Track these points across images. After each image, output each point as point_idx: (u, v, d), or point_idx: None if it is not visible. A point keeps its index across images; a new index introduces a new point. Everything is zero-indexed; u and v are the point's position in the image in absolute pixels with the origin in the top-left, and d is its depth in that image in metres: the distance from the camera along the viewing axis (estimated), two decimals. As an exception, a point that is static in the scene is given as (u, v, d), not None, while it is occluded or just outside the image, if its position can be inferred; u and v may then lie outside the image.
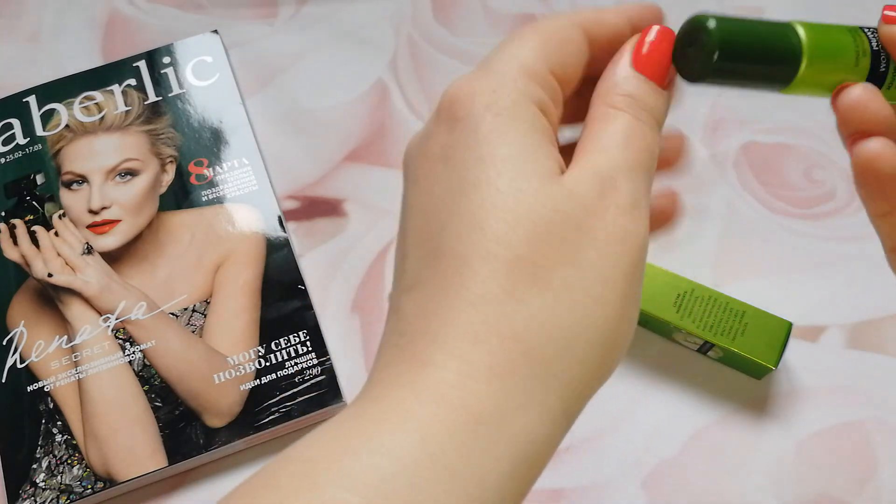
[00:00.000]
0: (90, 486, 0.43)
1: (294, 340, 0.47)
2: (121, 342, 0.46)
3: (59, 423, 0.45)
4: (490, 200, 0.22)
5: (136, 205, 0.50)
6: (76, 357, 0.46)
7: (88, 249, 0.48)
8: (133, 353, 0.46)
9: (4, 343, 0.47)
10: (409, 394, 0.21)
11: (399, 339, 0.23)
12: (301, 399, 0.45)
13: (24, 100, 0.53)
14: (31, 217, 0.50)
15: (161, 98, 0.53)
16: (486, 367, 0.21)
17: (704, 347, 0.45)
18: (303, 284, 0.48)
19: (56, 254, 0.48)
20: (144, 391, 0.45)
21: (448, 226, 0.22)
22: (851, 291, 0.48)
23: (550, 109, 0.24)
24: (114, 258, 0.48)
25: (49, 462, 0.44)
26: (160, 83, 0.54)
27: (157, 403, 0.45)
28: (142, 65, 0.54)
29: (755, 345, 0.43)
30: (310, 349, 0.46)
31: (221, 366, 0.46)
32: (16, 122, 0.53)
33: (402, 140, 0.53)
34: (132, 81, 0.54)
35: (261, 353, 0.46)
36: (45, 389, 0.45)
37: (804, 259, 0.49)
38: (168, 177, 0.51)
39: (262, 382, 0.45)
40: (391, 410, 0.21)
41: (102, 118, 0.52)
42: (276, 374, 0.46)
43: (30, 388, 0.45)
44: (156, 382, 0.45)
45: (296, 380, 0.46)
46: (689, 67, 0.24)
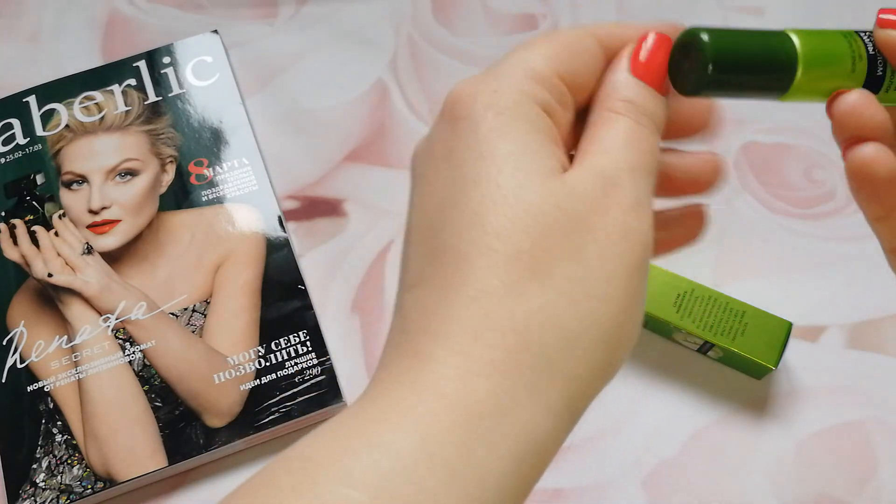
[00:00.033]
0: (90, 486, 0.43)
1: (294, 340, 0.47)
2: (121, 342, 0.46)
3: (59, 423, 0.45)
4: (490, 196, 0.22)
5: (136, 205, 0.50)
6: (76, 357, 0.46)
7: (88, 249, 0.48)
8: (133, 353, 0.46)
9: (4, 343, 0.47)
10: (409, 391, 0.21)
11: (401, 338, 0.23)
12: (301, 399, 0.45)
13: (24, 100, 0.53)
14: (31, 217, 0.50)
15: (161, 98, 0.53)
16: (487, 362, 0.21)
17: (704, 347, 0.45)
18: (303, 284, 0.48)
19: (56, 254, 0.48)
20: (144, 391, 0.45)
21: (449, 223, 0.22)
22: (851, 291, 0.48)
23: (556, 111, 0.24)
24: (114, 258, 0.48)
25: (49, 462, 0.44)
26: (160, 83, 0.54)
27: (157, 403, 0.45)
28: (142, 65, 0.54)
29: (755, 345, 0.43)
30: (310, 349, 0.46)
31: (221, 366, 0.46)
32: (16, 122, 0.53)
33: (402, 140, 0.53)
34: (132, 81, 0.54)
35: (261, 353, 0.46)
36: (45, 389, 0.45)
37: (804, 259, 0.49)
38: (168, 177, 0.51)
39: (262, 382, 0.45)
40: (391, 409, 0.21)
41: (102, 118, 0.52)
42: (276, 374, 0.46)
43: (30, 388, 0.45)
44: (156, 382, 0.45)
45: (296, 380, 0.46)
46: (685, 81, 0.24)
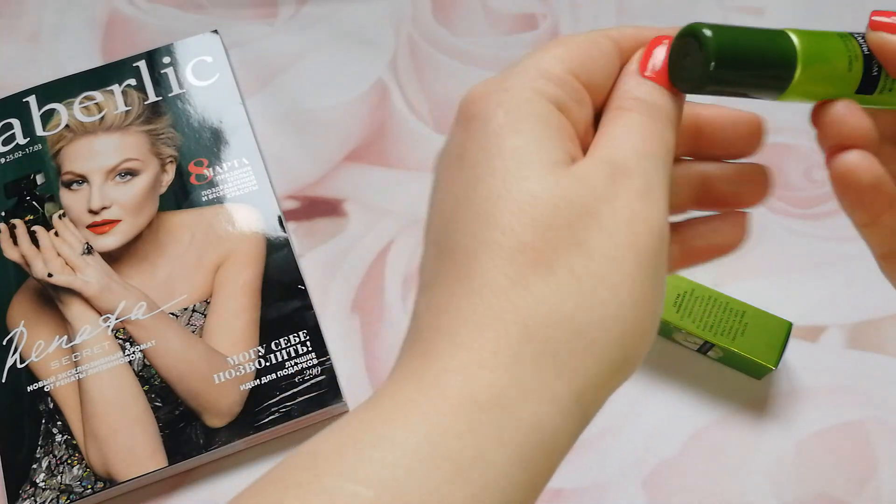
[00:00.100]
0: (90, 486, 0.43)
1: (294, 340, 0.47)
2: (121, 342, 0.46)
3: (59, 423, 0.45)
4: (496, 191, 0.22)
5: (136, 205, 0.50)
6: (76, 357, 0.46)
7: (88, 249, 0.48)
8: (133, 353, 0.46)
9: (4, 343, 0.47)
10: (415, 388, 0.21)
11: (413, 340, 0.23)
12: (301, 399, 0.45)
13: (24, 100, 0.53)
14: (31, 217, 0.50)
15: (161, 98, 0.53)
16: (491, 355, 0.21)
17: (704, 347, 0.45)
18: (303, 284, 0.48)
19: (56, 254, 0.48)
20: (144, 391, 0.45)
21: (461, 222, 0.22)
22: (851, 291, 0.48)
23: (571, 108, 0.24)
24: (114, 258, 0.48)
25: (49, 462, 0.44)
26: (160, 83, 0.54)
27: (157, 403, 0.45)
28: (142, 65, 0.54)
29: (755, 345, 0.43)
30: (310, 349, 0.46)
31: (221, 366, 0.46)
32: (16, 122, 0.53)
33: (402, 140, 0.53)
34: (132, 81, 0.54)
35: (261, 353, 0.46)
36: (45, 389, 0.45)
37: (804, 259, 0.49)
38: (168, 177, 0.51)
39: (262, 382, 0.45)
40: (398, 406, 0.21)
41: (102, 118, 0.52)
42: (276, 374, 0.46)
43: (30, 388, 0.45)
44: (156, 382, 0.45)
45: (296, 380, 0.46)
46: (686, 77, 0.24)
